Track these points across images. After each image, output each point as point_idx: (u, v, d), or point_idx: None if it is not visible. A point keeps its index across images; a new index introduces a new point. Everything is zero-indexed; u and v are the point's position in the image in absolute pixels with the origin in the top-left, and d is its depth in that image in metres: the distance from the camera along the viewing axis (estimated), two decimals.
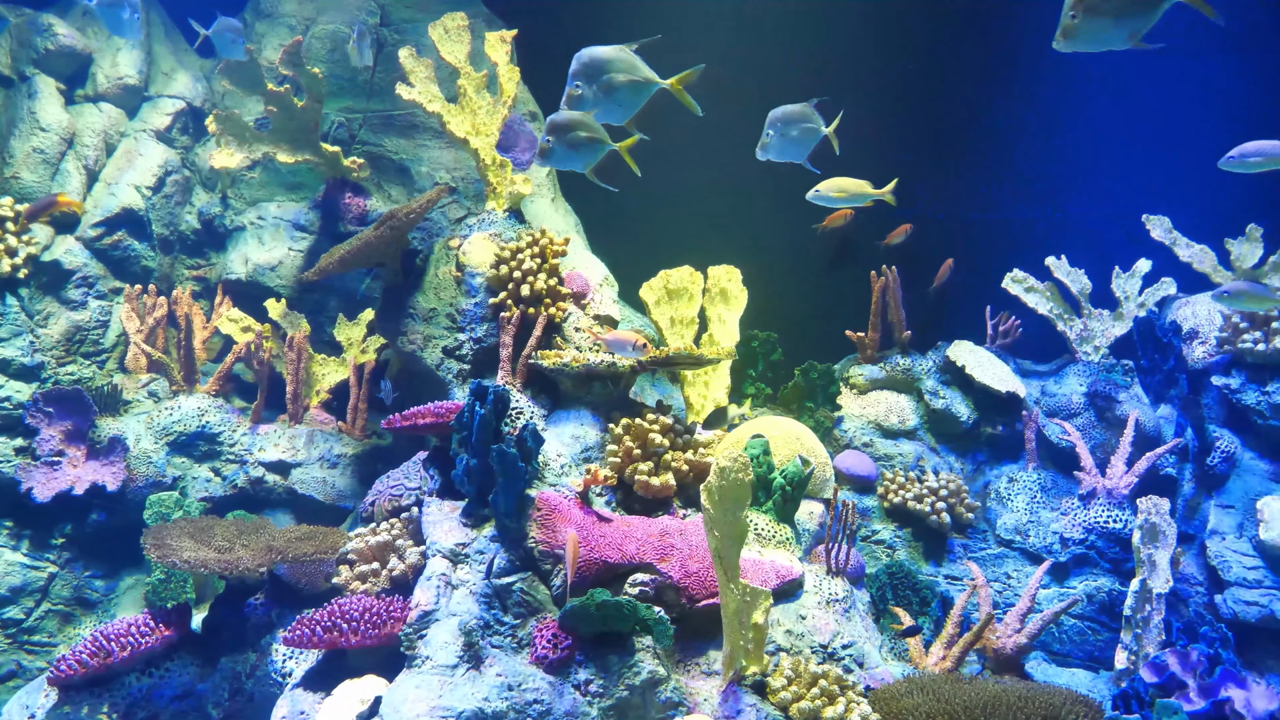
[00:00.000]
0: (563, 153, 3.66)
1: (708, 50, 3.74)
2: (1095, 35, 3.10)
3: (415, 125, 6.25)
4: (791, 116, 3.93)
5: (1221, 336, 5.43)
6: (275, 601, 4.22)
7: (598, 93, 3.47)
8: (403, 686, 3.25)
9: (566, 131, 3.63)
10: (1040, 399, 5.59)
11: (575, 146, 3.65)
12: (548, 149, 3.65)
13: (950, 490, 5.03)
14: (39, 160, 5.67)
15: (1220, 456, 5.16)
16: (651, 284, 5.20)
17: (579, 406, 4.45)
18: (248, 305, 5.91)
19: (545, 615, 3.56)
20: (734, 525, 3.26)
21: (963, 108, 6.45)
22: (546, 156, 3.67)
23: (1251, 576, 4.76)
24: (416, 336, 4.95)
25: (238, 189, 6.25)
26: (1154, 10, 3.04)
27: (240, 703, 3.99)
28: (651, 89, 3.53)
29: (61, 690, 3.80)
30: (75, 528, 5.11)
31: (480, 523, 3.77)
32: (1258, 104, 6.10)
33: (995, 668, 4.14)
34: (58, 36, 5.86)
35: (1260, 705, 3.18)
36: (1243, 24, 6.04)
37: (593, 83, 3.46)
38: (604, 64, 3.46)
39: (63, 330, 5.50)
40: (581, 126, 3.63)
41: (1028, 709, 3.14)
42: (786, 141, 3.95)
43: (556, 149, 3.65)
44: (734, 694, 3.40)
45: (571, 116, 3.61)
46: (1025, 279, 6.02)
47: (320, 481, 5.35)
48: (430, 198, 5.06)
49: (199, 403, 5.44)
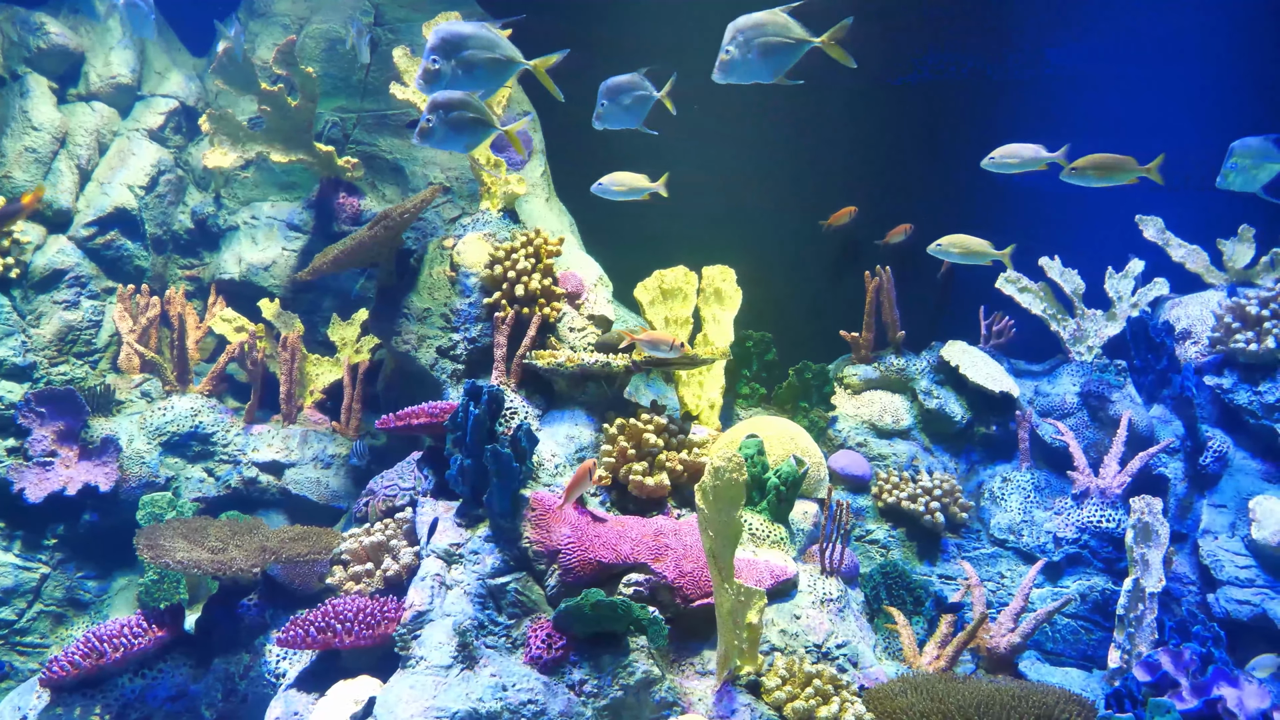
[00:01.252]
0: (444, 133, 3.59)
1: (705, 50, 3.74)
2: (746, 70, 3.51)
3: (410, 125, 6.24)
4: (621, 86, 3.92)
5: (1214, 336, 5.45)
6: (269, 602, 4.21)
7: (456, 69, 3.42)
8: (397, 687, 3.24)
9: (449, 111, 3.56)
10: (1034, 399, 5.60)
11: (458, 127, 3.59)
12: (428, 129, 3.57)
13: (944, 490, 5.04)
14: (31, 159, 5.65)
15: (1212, 456, 5.18)
16: (646, 284, 5.20)
17: (573, 406, 4.45)
18: (241, 305, 5.89)
19: (540, 615, 3.56)
20: (728, 525, 3.26)
21: (961, 108, 6.47)
22: (427, 136, 3.59)
23: (1244, 575, 4.78)
24: (411, 336, 4.94)
25: (231, 188, 6.24)
26: (795, 52, 3.50)
27: (234, 703, 3.98)
28: (514, 68, 3.48)
29: (54, 691, 3.78)
30: (68, 528, 5.09)
31: (474, 523, 3.77)
32: (1254, 103, 6.13)
33: (989, 667, 4.15)
34: (50, 35, 5.84)
35: (1252, 704, 3.19)
36: (1242, 24, 6.08)
37: (451, 59, 3.41)
38: (463, 40, 3.41)
39: (55, 330, 5.48)
40: (465, 106, 3.56)
41: (1021, 708, 3.15)
42: (620, 110, 3.95)
43: (438, 129, 3.58)
44: (728, 694, 3.41)
45: (453, 96, 3.53)
46: (1019, 279, 6.03)
47: (314, 482, 5.34)
48: (424, 197, 5.05)
49: (192, 403, 5.42)
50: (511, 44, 3.50)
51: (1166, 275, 5.98)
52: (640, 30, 5.90)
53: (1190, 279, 5.96)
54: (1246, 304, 5.30)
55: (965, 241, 4.64)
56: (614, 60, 3.89)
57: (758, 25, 3.55)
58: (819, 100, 5.96)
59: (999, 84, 6.45)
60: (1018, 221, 6.61)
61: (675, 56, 3.72)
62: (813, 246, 6.23)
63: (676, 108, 3.93)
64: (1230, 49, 6.18)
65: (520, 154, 5.43)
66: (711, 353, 4.57)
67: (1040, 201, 6.71)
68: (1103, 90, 6.34)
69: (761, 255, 5.69)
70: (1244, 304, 5.31)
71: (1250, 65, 6.13)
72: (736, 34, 3.57)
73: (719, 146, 6.28)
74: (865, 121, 6.38)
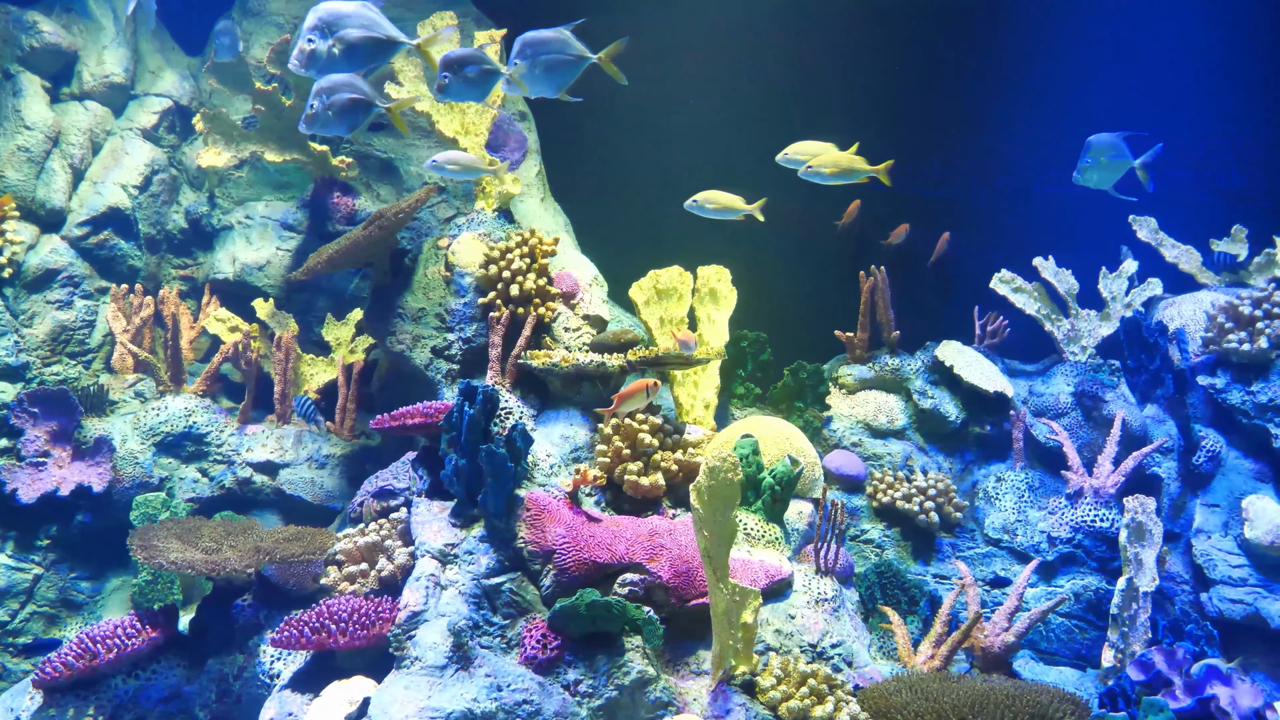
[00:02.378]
0: (327, 118, 3.57)
1: (706, 49, 3.74)
2: (533, 84, 3.66)
3: None
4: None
5: (1207, 336, 5.47)
6: (263, 603, 4.20)
7: (333, 49, 3.37)
8: (391, 687, 3.24)
9: (331, 94, 3.54)
10: (1028, 399, 5.62)
11: (341, 110, 3.56)
12: (312, 114, 3.56)
13: (939, 490, 5.04)
14: (24, 159, 5.63)
15: (1206, 455, 5.20)
16: (641, 284, 5.20)
17: (568, 406, 4.45)
18: (235, 305, 5.88)
19: (534, 615, 3.56)
20: (723, 525, 3.26)
21: (959, 106, 6.48)
22: (311, 122, 3.58)
23: (1236, 575, 4.80)
24: (405, 336, 4.93)
25: (225, 188, 6.22)
26: (575, 69, 3.67)
27: (228, 704, 3.97)
28: (395, 48, 3.46)
29: (47, 693, 3.77)
30: (61, 529, 5.08)
31: (469, 523, 3.76)
32: (1247, 102, 6.16)
33: (983, 666, 4.16)
34: (43, 34, 5.81)
35: (1245, 702, 3.20)
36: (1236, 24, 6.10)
37: (328, 37, 3.37)
38: (341, 19, 3.38)
39: (48, 330, 5.46)
40: (348, 88, 3.54)
41: (1015, 707, 3.16)
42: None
43: (321, 114, 3.56)
44: (723, 693, 3.41)
45: (337, 79, 3.50)
46: (1013, 279, 6.04)
47: (308, 482, 5.32)
48: (419, 197, 5.04)
49: (186, 403, 5.41)
50: (392, 25, 3.47)
51: (1160, 276, 6.01)
52: (631, 29, 5.90)
53: (1184, 279, 5.98)
54: (1239, 304, 5.32)
55: (716, 197, 4.57)
56: (616, 61, 3.83)
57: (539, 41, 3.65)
58: (818, 98, 5.98)
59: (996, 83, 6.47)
60: (1017, 222, 6.64)
61: (674, 53, 3.70)
62: (808, 247, 6.24)
63: (675, 109, 3.92)
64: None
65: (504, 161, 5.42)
66: (707, 353, 4.57)
67: (1036, 202, 6.73)
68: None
69: (757, 255, 5.69)
70: (1237, 304, 5.33)
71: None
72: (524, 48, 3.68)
73: (715, 146, 6.28)
74: (864, 123, 6.40)
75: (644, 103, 5.75)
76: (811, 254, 6.27)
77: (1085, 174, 4.09)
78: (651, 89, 3.95)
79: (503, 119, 5.93)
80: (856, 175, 4.45)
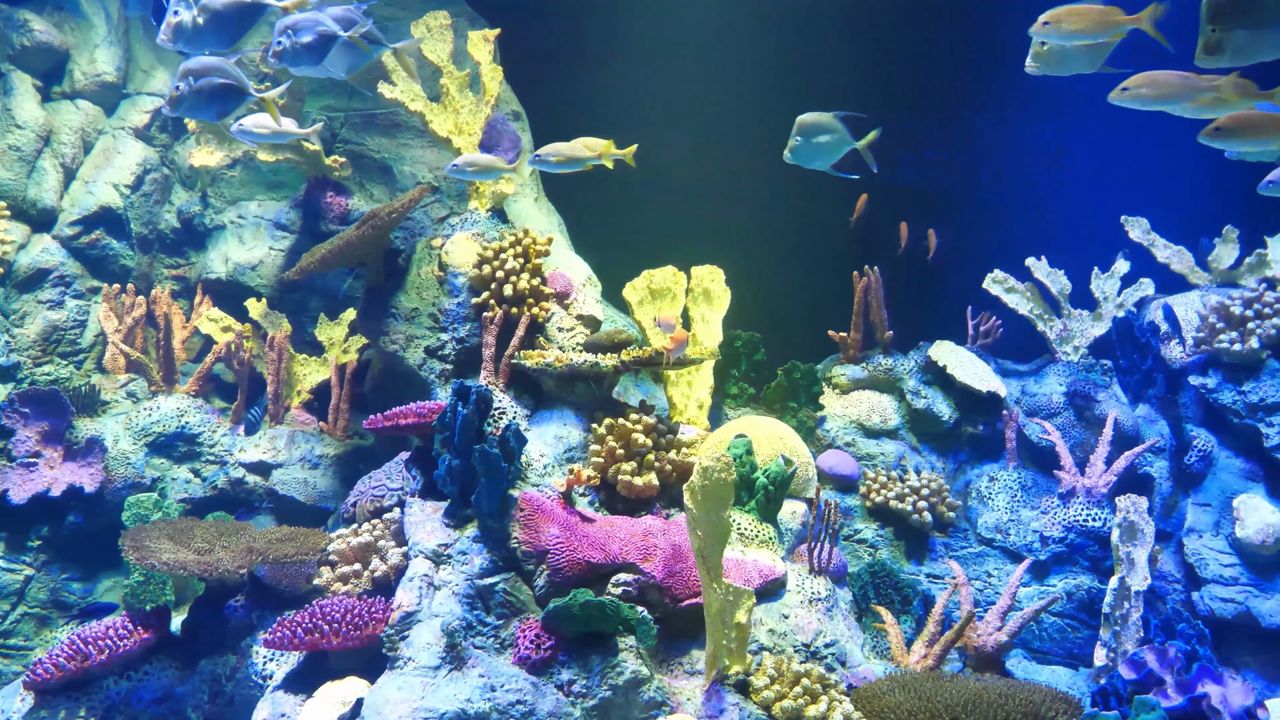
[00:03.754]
0: (194, 101, 3.75)
1: (699, 50, 3.75)
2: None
3: (397, 124, 6.22)
4: (202, 68, 3.88)
5: (1198, 337, 5.48)
6: (256, 603, 4.19)
7: (197, 17, 3.63)
8: (385, 688, 3.23)
9: (199, 77, 3.72)
10: (1021, 399, 5.63)
11: (208, 94, 3.75)
12: (177, 97, 3.72)
13: (932, 489, 5.06)
14: (15, 158, 5.60)
15: (1197, 455, 5.21)
16: (635, 284, 5.20)
17: (562, 407, 4.44)
18: (228, 305, 5.86)
19: (528, 616, 3.55)
20: (717, 525, 3.27)
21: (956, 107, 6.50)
22: (176, 105, 3.75)
23: (1228, 574, 4.82)
24: (399, 336, 4.92)
25: (218, 188, 6.20)
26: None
27: (220, 705, 3.96)
28: (264, 10, 3.75)
29: (38, 694, 3.75)
30: (52, 529, 5.05)
31: (463, 523, 3.76)
32: None
33: (976, 665, 4.17)
34: (34, 32, 5.79)
35: (1236, 701, 3.21)
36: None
37: (192, 7, 3.63)
38: (205, 69, 3.68)
39: (39, 330, 5.44)
40: (217, 73, 3.75)
41: (1008, 706, 3.17)
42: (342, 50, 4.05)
43: (187, 97, 3.73)
44: (717, 693, 3.41)
45: (206, 62, 3.71)
46: (1006, 279, 6.06)
47: (301, 482, 5.31)
48: (413, 197, 5.03)
49: (178, 403, 5.39)
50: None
51: (1152, 276, 6.03)
52: (628, 29, 5.92)
53: (1175, 279, 6.00)
54: (1230, 304, 5.34)
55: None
56: (610, 61, 3.84)
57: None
58: (812, 94, 5.98)
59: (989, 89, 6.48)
60: (1017, 221, 6.66)
61: (667, 53, 3.71)
62: (802, 247, 6.25)
63: (669, 107, 3.92)
64: None
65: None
66: (700, 353, 4.58)
67: (1031, 202, 6.75)
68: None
69: (750, 255, 5.70)
70: (1228, 304, 5.35)
71: None
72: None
73: (709, 147, 6.29)
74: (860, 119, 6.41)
75: (638, 101, 5.77)
76: (805, 254, 6.28)
77: (795, 153, 4.04)
78: (644, 86, 3.95)
79: (496, 119, 5.93)
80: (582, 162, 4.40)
